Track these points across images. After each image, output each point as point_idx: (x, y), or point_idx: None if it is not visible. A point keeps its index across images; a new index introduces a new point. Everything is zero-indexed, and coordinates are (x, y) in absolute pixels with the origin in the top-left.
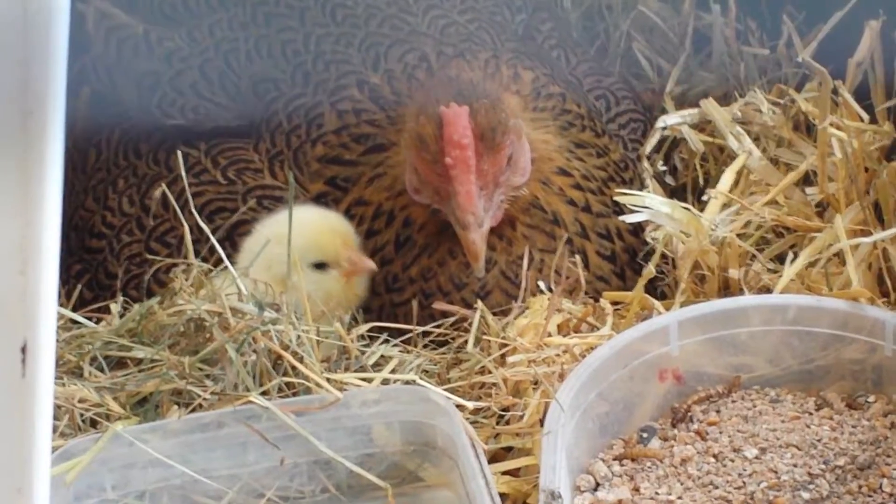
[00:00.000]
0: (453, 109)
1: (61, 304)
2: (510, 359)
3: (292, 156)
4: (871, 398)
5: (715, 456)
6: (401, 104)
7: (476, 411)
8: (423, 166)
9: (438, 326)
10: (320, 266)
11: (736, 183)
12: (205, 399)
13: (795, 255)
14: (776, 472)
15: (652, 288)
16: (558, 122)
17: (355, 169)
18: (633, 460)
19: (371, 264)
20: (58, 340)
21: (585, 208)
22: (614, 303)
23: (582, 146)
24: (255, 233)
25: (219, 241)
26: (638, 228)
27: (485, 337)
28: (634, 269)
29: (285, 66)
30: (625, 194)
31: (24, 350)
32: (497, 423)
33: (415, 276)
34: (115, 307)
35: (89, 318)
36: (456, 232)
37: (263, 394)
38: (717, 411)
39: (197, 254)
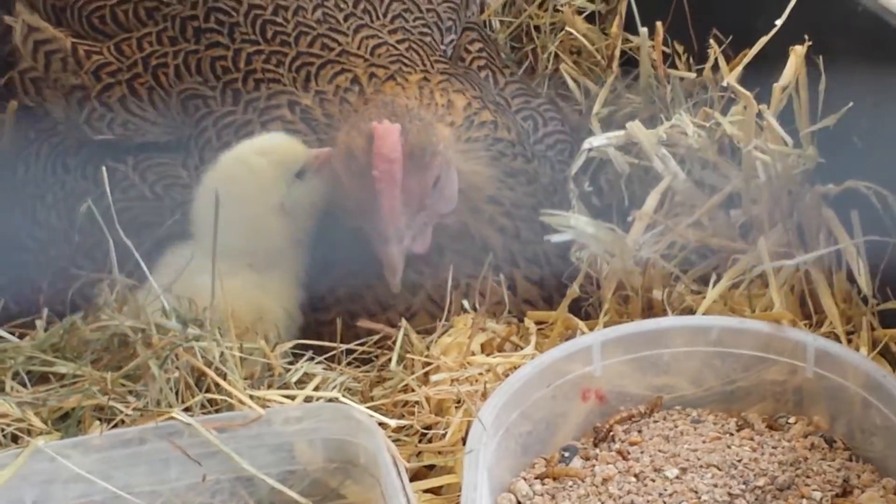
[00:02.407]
0: (385, 125)
1: None
2: (433, 377)
3: None
4: (792, 419)
5: (636, 475)
6: (333, 127)
7: (399, 429)
8: (350, 179)
9: (362, 344)
10: (300, 175)
11: (661, 204)
12: (127, 415)
13: (719, 277)
14: (696, 492)
15: (576, 308)
16: (490, 153)
17: None
18: (554, 479)
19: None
20: None
21: (515, 235)
22: (538, 322)
23: (512, 175)
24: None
25: (146, 255)
26: (566, 253)
27: (408, 355)
28: (562, 294)
29: (215, 83)
30: (550, 214)
31: None
32: (419, 442)
33: (341, 297)
34: (40, 322)
35: (13, 333)
36: (376, 249)
37: (186, 410)
38: (639, 431)
39: (123, 268)
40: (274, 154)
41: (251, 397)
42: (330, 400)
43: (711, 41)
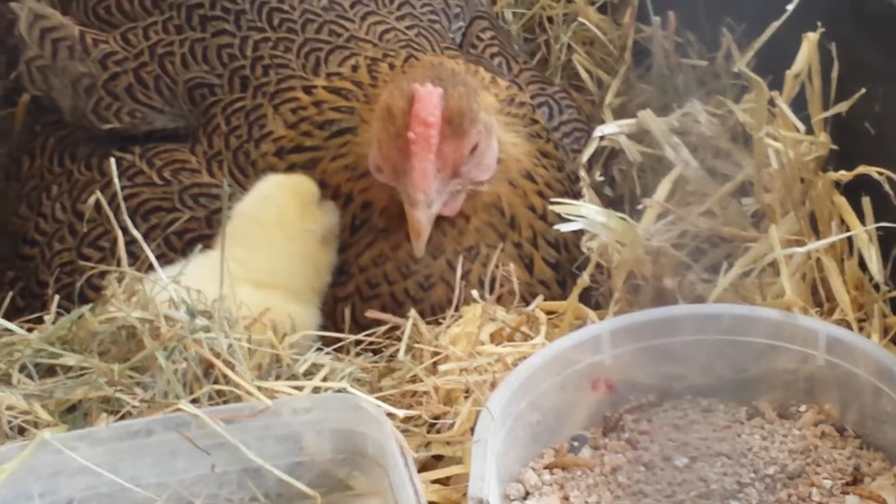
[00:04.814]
0: (427, 88)
1: None
2: (442, 367)
3: (232, 156)
4: (803, 408)
5: (645, 465)
6: (375, 87)
7: (407, 419)
8: (386, 139)
9: (371, 334)
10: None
11: (672, 193)
12: (134, 406)
13: (730, 265)
14: (706, 481)
15: (587, 297)
16: (528, 130)
17: (317, 153)
18: (563, 469)
19: None
20: None
21: (542, 217)
22: (548, 312)
23: (546, 156)
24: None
25: (155, 240)
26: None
27: (417, 345)
28: (576, 279)
29: (221, 71)
30: (561, 203)
31: None
32: (428, 432)
33: (364, 264)
34: (48, 317)
35: (21, 328)
36: (406, 210)
37: (193, 401)
38: (649, 420)
39: (133, 255)
40: (301, 194)
41: (259, 388)
42: (338, 390)
43: (724, 29)
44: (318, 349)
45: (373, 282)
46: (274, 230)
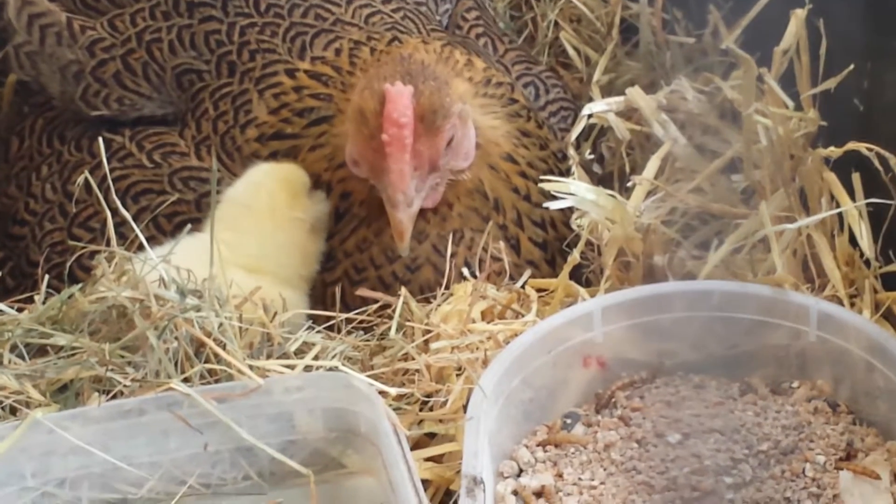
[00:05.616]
0: (397, 87)
1: None
2: (433, 345)
3: (220, 141)
4: (795, 384)
5: (638, 441)
6: (352, 74)
7: (399, 398)
8: (361, 141)
9: (362, 313)
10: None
11: (661, 170)
12: (125, 386)
13: (720, 242)
14: (699, 458)
15: (577, 275)
16: (506, 110)
17: (297, 141)
18: (556, 446)
19: None
20: None
21: (526, 197)
22: (539, 290)
23: (527, 135)
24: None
25: (144, 222)
26: (570, 220)
27: (408, 323)
28: (565, 258)
29: (209, 56)
30: (550, 181)
31: None
32: (420, 410)
33: (350, 250)
34: (38, 297)
35: (11, 307)
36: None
37: (185, 381)
38: (641, 397)
39: (122, 237)
40: (291, 182)
41: (250, 367)
42: (330, 369)
43: (711, 6)
44: (310, 328)
45: (359, 266)
46: (263, 217)
